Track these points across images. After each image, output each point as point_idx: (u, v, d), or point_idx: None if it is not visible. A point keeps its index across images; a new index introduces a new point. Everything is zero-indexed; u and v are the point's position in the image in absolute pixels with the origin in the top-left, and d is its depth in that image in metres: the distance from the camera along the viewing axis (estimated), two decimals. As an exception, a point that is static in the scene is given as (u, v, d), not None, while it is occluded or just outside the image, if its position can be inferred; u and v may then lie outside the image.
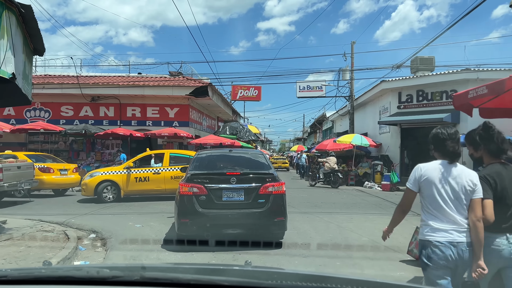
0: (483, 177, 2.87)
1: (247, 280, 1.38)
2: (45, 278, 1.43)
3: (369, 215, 9.49)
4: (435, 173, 2.81)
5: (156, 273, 1.45)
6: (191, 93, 17.84)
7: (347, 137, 20.07)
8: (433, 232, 2.73)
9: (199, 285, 1.33)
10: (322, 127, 43.88)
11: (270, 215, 6.10)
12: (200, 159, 7.02)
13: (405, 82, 19.83)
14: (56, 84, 17.89)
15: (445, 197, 2.74)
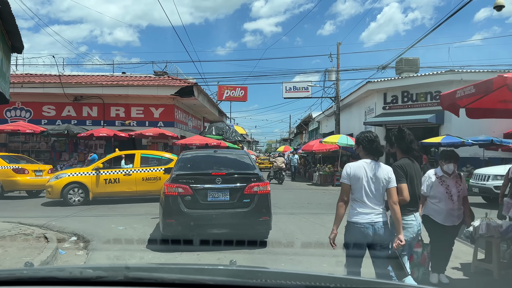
0: (399, 166, 3.64)
1: (231, 279, 1.37)
2: (27, 279, 1.40)
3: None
4: (361, 170, 3.43)
5: (140, 273, 1.43)
6: (176, 93, 17.63)
7: (333, 138, 20.10)
8: (357, 216, 3.39)
9: (184, 284, 1.32)
10: (308, 128, 44.02)
11: (255, 214, 6.16)
12: (185, 159, 6.98)
13: (390, 83, 19.97)
14: (37, 83, 17.49)
15: (367, 189, 3.39)
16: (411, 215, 3.63)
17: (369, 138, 3.51)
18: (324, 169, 19.58)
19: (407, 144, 3.76)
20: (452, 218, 4.49)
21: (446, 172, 4.55)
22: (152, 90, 17.84)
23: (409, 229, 3.59)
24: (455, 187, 4.50)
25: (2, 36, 6.05)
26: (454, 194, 4.47)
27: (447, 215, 4.45)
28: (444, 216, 4.45)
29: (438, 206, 4.46)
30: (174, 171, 6.50)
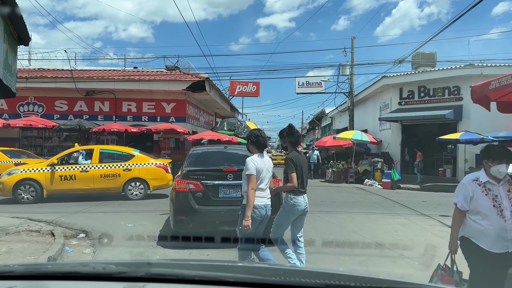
0: (290, 158, 4.44)
1: (252, 276, 1.38)
2: (51, 273, 1.43)
3: (371, 214, 9.14)
4: (260, 163, 4.26)
5: (162, 269, 1.44)
6: (188, 88, 17.43)
7: (347, 134, 19.72)
8: (258, 200, 4.22)
9: (204, 281, 1.33)
10: (321, 124, 43.53)
11: None
12: (195, 155, 6.85)
13: (406, 78, 19.45)
14: (49, 77, 17.45)
15: (264, 178, 4.28)
16: (300, 196, 4.46)
17: (256, 134, 4.38)
18: (338, 165, 19.21)
19: (296, 138, 4.60)
20: (504, 242, 3.13)
21: (494, 177, 3.21)
22: (163, 85, 17.67)
23: (298, 207, 4.44)
24: (506, 197, 3.18)
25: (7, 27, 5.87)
26: (507, 207, 3.15)
27: (496, 238, 3.13)
28: (492, 240, 3.14)
29: (483, 226, 3.17)
30: (184, 166, 6.38)
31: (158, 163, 11.73)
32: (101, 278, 1.36)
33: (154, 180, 11.51)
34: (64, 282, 1.36)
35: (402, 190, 15.86)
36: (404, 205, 10.70)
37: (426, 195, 13.55)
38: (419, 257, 5.67)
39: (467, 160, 16.81)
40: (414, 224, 8.12)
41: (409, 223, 8.19)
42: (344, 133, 20.28)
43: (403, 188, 16.36)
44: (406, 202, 11.37)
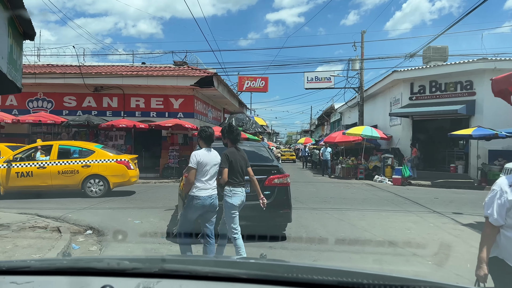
0: (225, 154, 4.80)
1: (264, 273, 1.39)
2: (67, 269, 1.46)
3: (382, 211, 8.96)
4: (206, 157, 4.62)
5: (176, 265, 1.47)
6: (196, 83, 17.30)
7: (357, 129, 19.48)
8: (199, 191, 4.56)
9: (216, 277, 1.34)
10: (330, 119, 43.21)
11: (276, 207, 6.10)
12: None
13: (417, 73, 19.12)
14: (58, 73, 17.45)
15: (208, 171, 4.61)
16: (239, 187, 4.83)
17: (205, 131, 4.80)
18: (347, 161, 18.99)
19: (234, 136, 4.99)
20: None
21: None
22: (171, 81, 17.56)
23: (236, 197, 4.79)
24: None
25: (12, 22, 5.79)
26: None
27: None
28: None
29: None
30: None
31: (119, 159, 11.45)
32: (115, 274, 1.38)
33: (114, 177, 11.24)
34: (79, 277, 1.38)
35: (412, 186, 15.62)
36: (416, 202, 10.49)
37: (438, 192, 13.31)
38: (432, 256, 5.50)
39: (479, 156, 16.47)
40: (426, 221, 7.93)
41: (421, 220, 8.01)
42: (354, 129, 20.05)
43: (414, 184, 16.12)
44: (417, 199, 11.17)
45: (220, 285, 1.31)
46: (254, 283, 1.32)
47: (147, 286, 1.27)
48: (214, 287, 1.31)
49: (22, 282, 1.32)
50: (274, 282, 1.31)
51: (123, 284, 1.30)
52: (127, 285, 1.30)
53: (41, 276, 1.40)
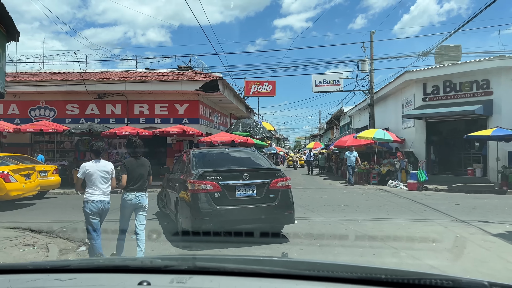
0: (123, 163, 5.66)
1: (287, 270, 1.43)
2: (104, 267, 1.59)
3: (401, 221, 8.25)
4: (92, 168, 5.32)
5: (205, 263, 1.55)
6: (201, 88, 16.75)
7: (369, 132, 18.76)
8: (91, 196, 5.26)
9: (243, 273, 1.42)
10: (339, 123, 42.43)
11: (281, 209, 6.30)
12: (199, 157, 6.95)
13: (430, 72, 18.37)
14: (60, 81, 17.04)
15: (96, 179, 5.30)
16: (131, 193, 5.46)
17: (94, 144, 5.47)
18: (359, 166, 18.24)
19: (133, 148, 5.63)
20: None
21: None
22: (175, 86, 17.04)
23: (128, 201, 5.47)
24: None
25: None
26: None
27: None
28: None
29: None
30: (194, 168, 6.45)
31: None
32: (149, 271, 1.44)
33: None
34: (117, 274, 1.46)
35: (429, 191, 14.85)
36: (436, 209, 9.75)
37: (457, 197, 12.53)
38: (465, 274, 4.79)
39: (499, 158, 15.65)
40: (451, 232, 7.21)
41: (446, 231, 7.28)
42: (366, 132, 19.33)
43: (430, 189, 15.34)
44: (437, 205, 10.42)
45: (247, 280, 1.38)
46: (278, 278, 1.37)
47: (180, 281, 1.34)
48: (242, 282, 1.37)
49: (65, 279, 1.41)
50: (296, 277, 1.36)
51: (158, 280, 1.37)
52: (162, 280, 1.38)
53: (82, 274, 1.48)
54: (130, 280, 1.36)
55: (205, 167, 6.37)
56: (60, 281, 1.40)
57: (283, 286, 1.34)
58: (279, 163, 51.86)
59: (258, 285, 1.34)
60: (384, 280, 1.29)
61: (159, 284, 1.34)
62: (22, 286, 1.40)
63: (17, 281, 1.44)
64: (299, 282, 1.33)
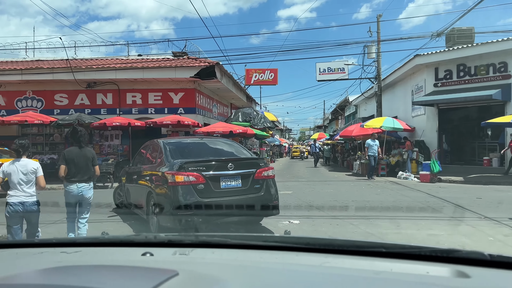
0: (63, 153, 5.63)
1: (287, 244, 1.45)
2: (108, 241, 1.60)
3: (419, 220, 7.14)
4: (10, 168, 4.85)
5: (207, 238, 1.55)
6: (197, 74, 15.61)
7: (377, 121, 17.60)
8: (10, 198, 4.81)
9: (242, 247, 1.44)
10: (345, 113, 41.19)
11: (267, 199, 6.11)
12: (175, 147, 6.43)
13: (443, 56, 17.12)
14: (46, 69, 15.96)
15: (15, 179, 4.80)
16: (73, 185, 5.37)
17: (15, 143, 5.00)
18: (366, 157, 17.09)
19: (78, 138, 5.53)
20: None
21: None
22: (169, 73, 15.92)
23: (70, 193, 5.40)
24: None
25: None
26: None
27: None
28: None
29: None
30: (170, 159, 5.96)
31: None
32: (153, 245, 1.46)
33: None
34: (121, 247, 1.51)
35: (443, 183, 13.71)
36: (457, 205, 8.63)
37: (477, 190, 11.40)
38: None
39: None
40: (482, 233, 6.10)
41: (475, 232, 6.17)
42: (374, 120, 18.18)
43: (444, 181, 14.20)
44: (457, 199, 9.30)
45: (248, 252, 1.41)
46: (278, 250, 1.39)
47: (183, 253, 1.39)
48: (243, 254, 1.39)
49: (71, 252, 1.46)
50: (296, 249, 1.38)
51: (161, 252, 1.41)
52: (165, 252, 1.41)
53: (87, 247, 1.55)
54: (134, 252, 1.41)
55: (183, 158, 5.92)
56: (66, 253, 1.45)
57: (284, 257, 1.34)
58: (283, 155, 50.80)
59: (259, 256, 1.36)
60: (384, 252, 1.29)
61: (162, 255, 1.38)
62: (28, 258, 1.44)
63: (24, 254, 1.49)
64: (299, 254, 1.35)
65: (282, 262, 1.30)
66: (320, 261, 1.27)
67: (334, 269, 1.22)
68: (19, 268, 1.28)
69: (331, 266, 1.23)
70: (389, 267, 1.19)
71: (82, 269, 1.27)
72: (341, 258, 1.29)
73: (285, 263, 1.29)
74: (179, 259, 1.34)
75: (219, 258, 1.35)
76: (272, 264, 1.27)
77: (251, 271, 1.23)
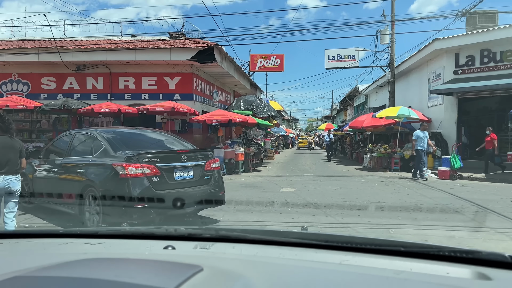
0: None
1: (307, 240, 1.44)
2: (130, 234, 1.63)
3: (451, 230, 5.78)
4: None
5: (228, 232, 1.52)
6: (194, 57, 14.26)
7: (391, 110, 16.17)
8: None
9: (262, 242, 1.43)
10: (354, 103, 39.60)
11: (216, 190, 6.21)
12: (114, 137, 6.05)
13: (465, 40, 15.57)
14: (30, 48, 14.70)
15: None
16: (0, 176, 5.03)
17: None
18: (379, 150, 15.71)
19: (6, 127, 5.14)
20: None
21: None
22: (164, 55, 14.58)
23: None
24: None
25: None
26: None
27: None
28: None
29: None
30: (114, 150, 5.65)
31: None
32: (174, 238, 1.48)
33: None
34: (141, 240, 1.51)
35: (465, 181, 12.31)
36: (491, 210, 7.24)
37: (506, 190, 10.00)
38: None
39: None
40: None
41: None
42: (387, 110, 16.74)
43: (465, 177, 12.79)
44: (488, 202, 7.92)
45: (268, 248, 1.39)
46: (298, 246, 1.39)
47: (203, 247, 1.40)
48: (263, 249, 1.38)
49: (94, 243, 1.47)
50: (316, 247, 1.37)
51: (183, 245, 1.42)
52: (186, 245, 1.43)
53: (110, 239, 1.54)
54: (156, 245, 1.43)
55: (129, 149, 5.66)
56: (90, 245, 1.47)
57: (303, 254, 1.34)
58: (289, 146, 49.44)
59: (279, 252, 1.35)
60: (403, 251, 1.27)
61: (184, 249, 1.40)
62: (54, 248, 1.49)
63: (50, 244, 1.53)
64: (319, 251, 1.34)
65: (302, 259, 1.30)
66: (340, 259, 1.27)
67: (354, 268, 1.21)
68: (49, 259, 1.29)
69: (350, 264, 1.23)
70: (409, 266, 1.17)
71: (110, 262, 1.29)
72: (360, 257, 1.27)
73: (305, 260, 1.29)
74: (200, 254, 1.36)
75: (239, 254, 1.37)
76: (292, 261, 1.29)
77: (272, 267, 1.24)
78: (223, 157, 13.72)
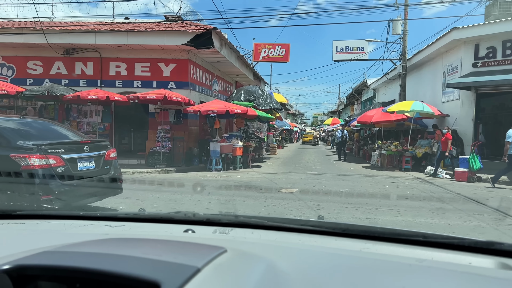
0: None
1: (325, 228, 1.43)
2: (149, 217, 1.67)
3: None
4: None
5: (246, 218, 1.53)
6: (190, 42, 13.10)
7: (403, 105, 14.95)
8: None
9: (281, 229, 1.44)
10: (361, 98, 38.29)
11: (116, 179, 6.27)
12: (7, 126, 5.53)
13: (486, 29, 14.28)
14: (14, 29, 13.61)
15: None
16: None
17: None
18: (389, 147, 14.53)
19: None
20: None
21: None
22: (158, 39, 13.44)
23: None
24: None
25: None
26: None
27: None
28: None
29: None
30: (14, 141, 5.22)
31: None
32: (191, 223, 1.49)
33: None
34: (162, 224, 1.53)
35: (485, 184, 11.13)
36: (527, 222, 6.08)
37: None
38: None
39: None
40: None
41: None
42: (399, 104, 15.53)
43: (484, 180, 11.60)
44: (521, 212, 6.76)
45: (287, 234, 1.39)
46: (316, 234, 1.38)
47: (223, 232, 1.41)
48: (282, 235, 1.38)
49: (115, 226, 1.50)
50: (335, 234, 1.37)
51: (202, 229, 1.43)
52: (205, 230, 1.43)
53: (130, 222, 1.57)
54: (176, 228, 1.45)
55: (25, 139, 5.34)
56: (110, 227, 1.49)
57: (323, 241, 1.34)
58: (293, 140, 48.25)
59: (298, 238, 1.35)
60: (423, 241, 1.27)
61: (203, 233, 1.39)
62: (75, 229, 1.50)
63: (71, 225, 1.55)
64: (338, 238, 1.35)
65: (322, 245, 1.30)
66: (360, 246, 1.26)
67: (375, 255, 1.20)
68: (71, 238, 1.27)
69: (371, 252, 1.22)
70: (430, 255, 1.17)
71: (134, 241, 1.28)
72: (380, 245, 1.27)
73: (325, 247, 1.28)
74: (221, 237, 1.37)
75: (259, 238, 1.37)
76: (312, 247, 1.28)
77: (293, 252, 1.24)
78: (219, 151, 12.63)
